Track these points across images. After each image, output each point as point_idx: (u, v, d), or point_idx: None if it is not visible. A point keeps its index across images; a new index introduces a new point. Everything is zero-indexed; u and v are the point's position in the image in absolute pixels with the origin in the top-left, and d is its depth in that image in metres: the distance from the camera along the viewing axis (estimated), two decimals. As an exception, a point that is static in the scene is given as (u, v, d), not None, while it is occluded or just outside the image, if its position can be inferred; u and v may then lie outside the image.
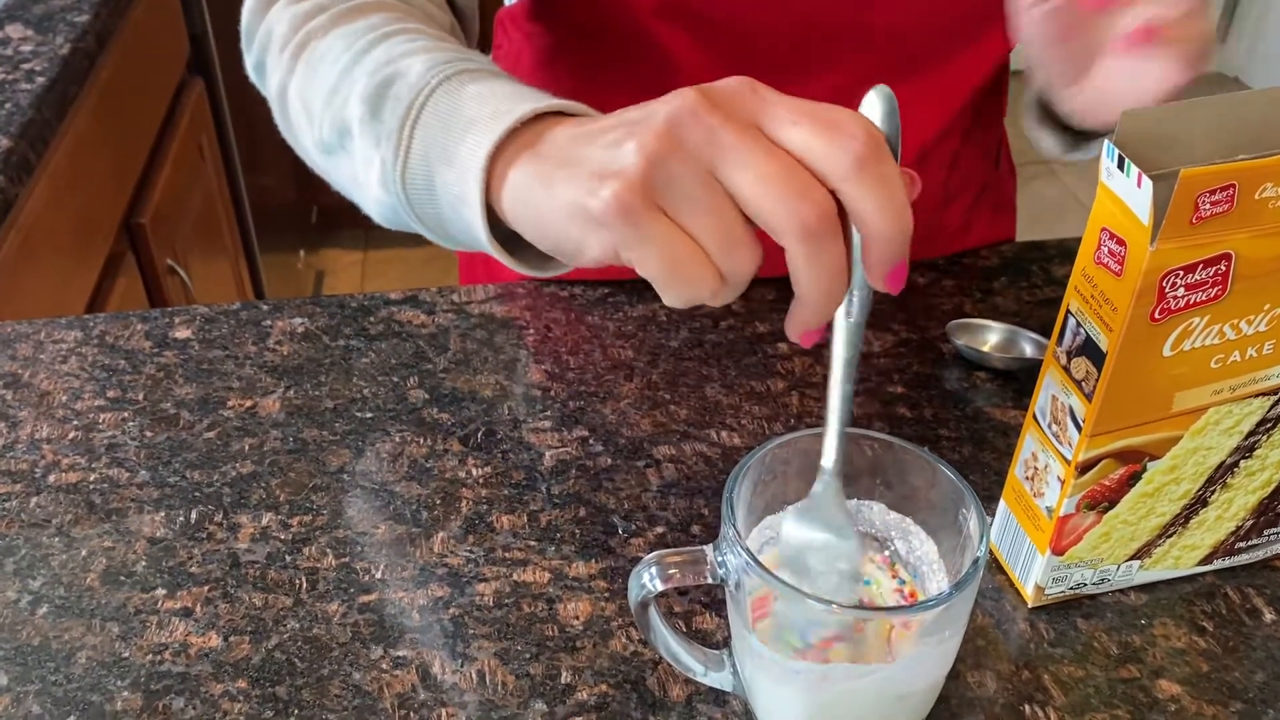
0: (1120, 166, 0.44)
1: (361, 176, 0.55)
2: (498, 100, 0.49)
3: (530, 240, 0.47)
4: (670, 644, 0.49)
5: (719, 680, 0.50)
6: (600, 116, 0.46)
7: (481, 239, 0.49)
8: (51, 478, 0.63)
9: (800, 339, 0.44)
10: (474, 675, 0.53)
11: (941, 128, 0.80)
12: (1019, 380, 0.71)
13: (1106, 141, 0.45)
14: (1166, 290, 0.45)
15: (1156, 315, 0.46)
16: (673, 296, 0.42)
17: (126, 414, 0.67)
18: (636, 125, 0.41)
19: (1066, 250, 0.82)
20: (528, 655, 0.54)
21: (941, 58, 0.75)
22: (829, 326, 0.44)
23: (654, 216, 0.41)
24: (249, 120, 1.81)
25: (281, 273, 2.09)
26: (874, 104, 0.43)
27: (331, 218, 2.45)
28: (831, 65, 0.73)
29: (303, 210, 2.35)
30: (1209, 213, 0.43)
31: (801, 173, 0.40)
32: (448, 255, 2.00)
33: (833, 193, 0.40)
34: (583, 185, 0.42)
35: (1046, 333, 0.71)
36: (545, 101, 0.48)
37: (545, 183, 0.45)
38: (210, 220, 1.64)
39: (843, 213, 0.41)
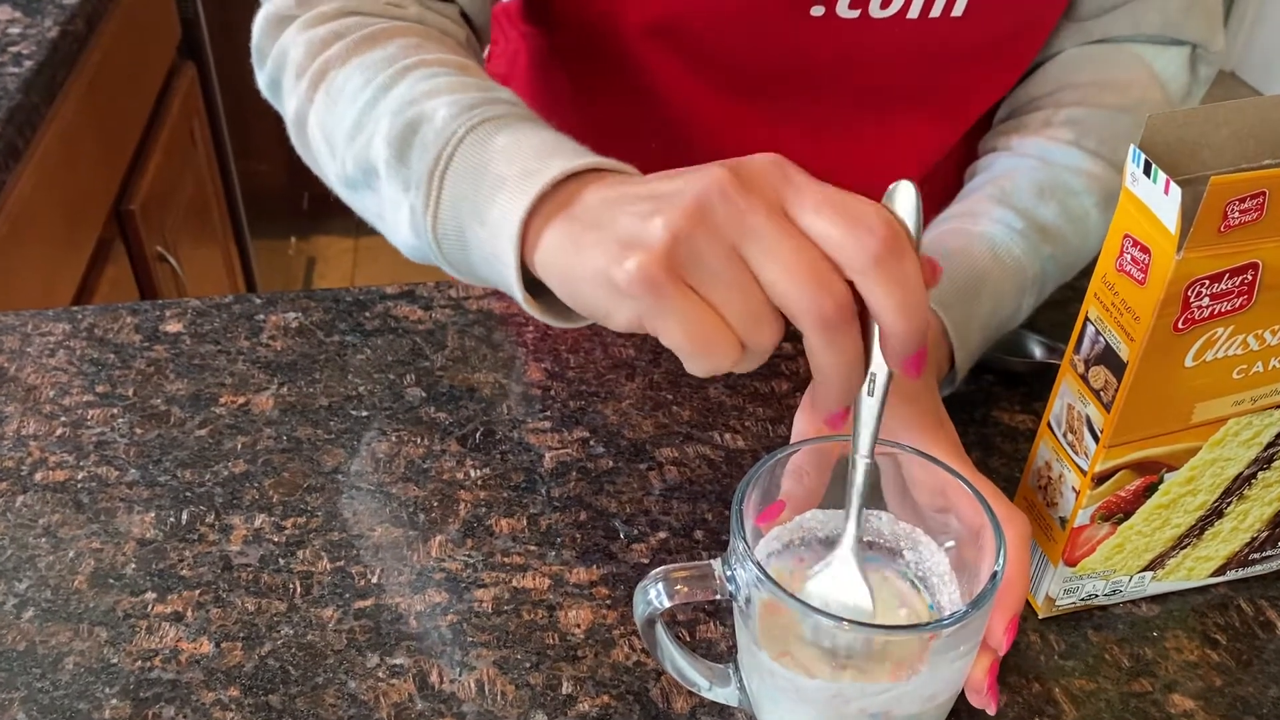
0: (1146, 172, 0.43)
1: (389, 216, 0.55)
2: (525, 157, 0.48)
3: (561, 298, 0.47)
4: (676, 660, 0.48)
5: (724, 696, 0.49)
6: (632, 177, 0.46)
7: (517, 297, 0.49)
8: (38, 476, 0.61)
9: (827, 423, 0.46)
10: (472, 685, 0.52)
11: (941, 154, 0.78)
12: (1027, 384, 0.69)
13: (1132, 146, 0.43)
14: (1191, 300, 0.44)
15: (1180, 325, 0.45)
16: (694, 365, 0.43)
17: (116, 410, 0.66)
18: (667, 200, 0.42)
19: (1073, 250, 0.81)
20: (528, 664, 0.53)
21: (940, 87, 0.73)
22: None
23: (678, 290, 0.41)
24: (241, 105, 1.78)
25: (272, 259, 2.07)
26: (898, 197, 0.43)
27: (323, 204, 2.42)
28: (822, 93, 0.71)
29: (294, 197, 2.33)
30: (1237, 221, 0.42)
31: (823, 263, 0.41)
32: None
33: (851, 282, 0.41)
34: (610, 254, 0.42)
35: (1053, 335, 0.70)
36: (575, 161, 0.47)
37: (575, 246, 0.45)
38: (201, 207, 1.62)
39: (861, 299, 0.42)
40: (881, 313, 0.41)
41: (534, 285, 0.49)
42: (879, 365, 0.44)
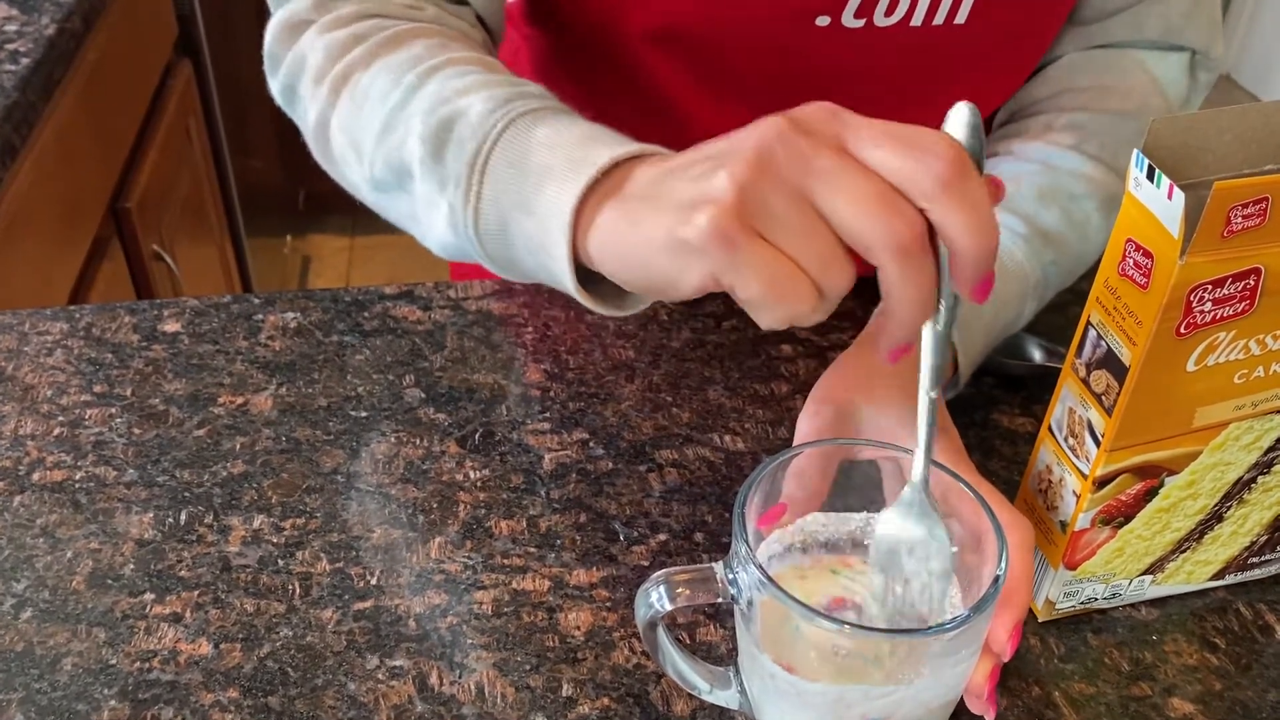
0: (1150, 177, 0.43)
1: (423, 216, 0.54)
2: (570, 147, 0.48)
3: (617, 280, 0.47)
4: (677, 662, 0.48)
5: (725, 699, 0.49)
6: (678, 154, 0.46)
7: (568, 286, 0.48)
8: (36, 476, 0.61)
9: (889, 357, 0.44)
10: (472, 687, 0.52)
11: None
12: (1026, 387, 0.69)
13: (1136, 151, 0.43)
14: (1194, 304, 0.44)
15: (1182, 330, 0.45)
16: (771, 317, 0.42)
17: (114, 410, 0.66)
18: (726, 156, 0.41)
19: (1072, 253, 0.81)
20: (528, 666, 0.53)
21: (944, 92, 0.73)
22: None
23: (751, 240, 0.41)
24: (237, 103, 1.78)
25: (268, 258, 2.07)
26: (957, 120, 0.42)
27: (319, 203, 2.43)
28: (827, 100, 0.71)
29: (290, 195, 2.32)
30: (1240, 226, 0.42)
31: (893, 192, 0.40)
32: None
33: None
34: (675, 216, 0.42)
35: (1053, 338, 0.70)
36: (622, 148, 0.47)
37: (633, 221, 0.44)
38: (197, 205, 1.62)
39: (930, 227, 0.41)
40: (954, 236, 0.40)
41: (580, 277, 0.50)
42: (944, 294, 0.43)
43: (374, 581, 0.56)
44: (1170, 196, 0.42)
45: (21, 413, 0.65)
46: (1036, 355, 0.70)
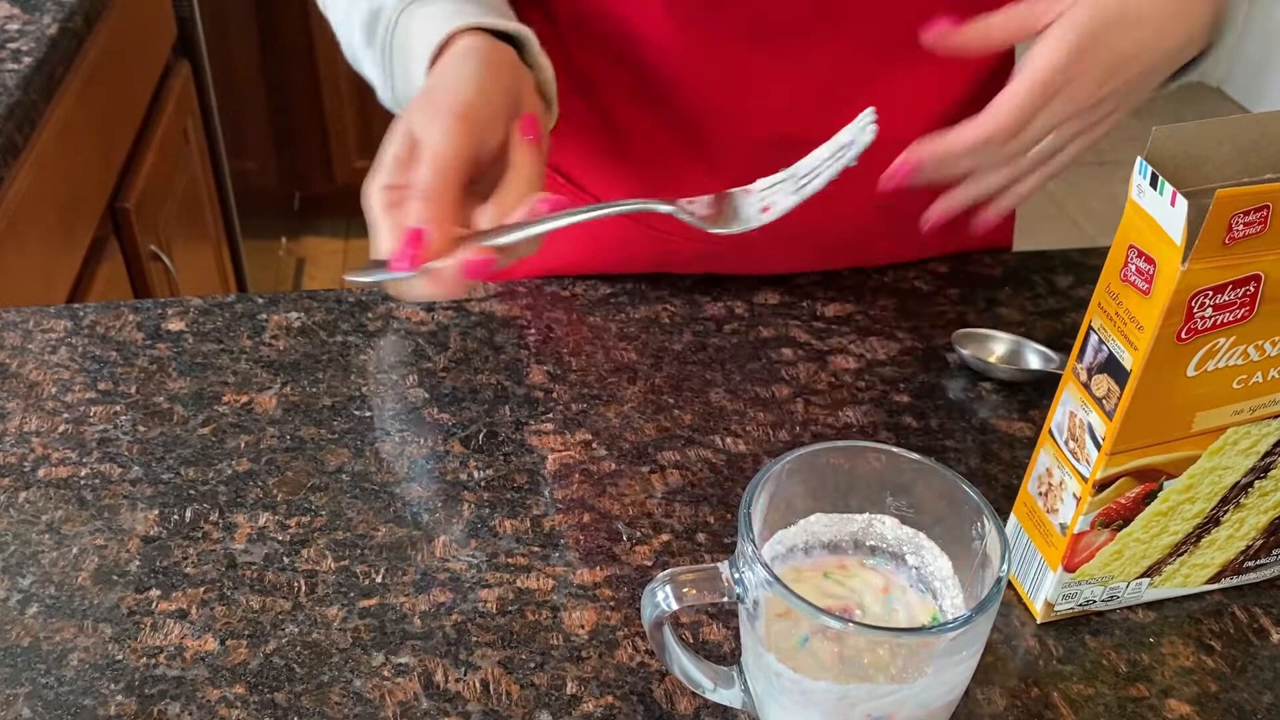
0: (1153, 184, 0.44)
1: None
2: (444, 19, 0.59)
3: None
4: (683, 661, 0.48)
5: (728, 698, 0.49)
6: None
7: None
8: (41, 472, 0.62)
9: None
10: (477, 684, 0.52)
11: (943, 109, 0.78)
12: (1024, 392, 0.70)
13: (1139, 159, 0.44)
14: (1195, 310, 0.45)
15: (1183, 335, 0.45)
16: None
17: (118, 407, 0.66)
18: None
19: (1068, 261, 0.82)
20: (532, 664, 0.53)
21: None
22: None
23: None
24: (234, 105, 1.78)
25: (263, 259, 2.07)
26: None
27: (314, 205, 2.43)
28: (838, 41, 0.70)
29: (285, 197, 2.33)
30: (1242, 233, 0.43)
31: None
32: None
33: None
34: None
35: (1051, 344, 0.71)
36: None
37: None
38: (193, 205, 1.62)
39: None
40: None
41: None
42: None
43: (379, 579, 0.57)
44: (1173, 204, 0.43)
45: (26, 409, 0.65)
46: (1033, 361, 0.70)
